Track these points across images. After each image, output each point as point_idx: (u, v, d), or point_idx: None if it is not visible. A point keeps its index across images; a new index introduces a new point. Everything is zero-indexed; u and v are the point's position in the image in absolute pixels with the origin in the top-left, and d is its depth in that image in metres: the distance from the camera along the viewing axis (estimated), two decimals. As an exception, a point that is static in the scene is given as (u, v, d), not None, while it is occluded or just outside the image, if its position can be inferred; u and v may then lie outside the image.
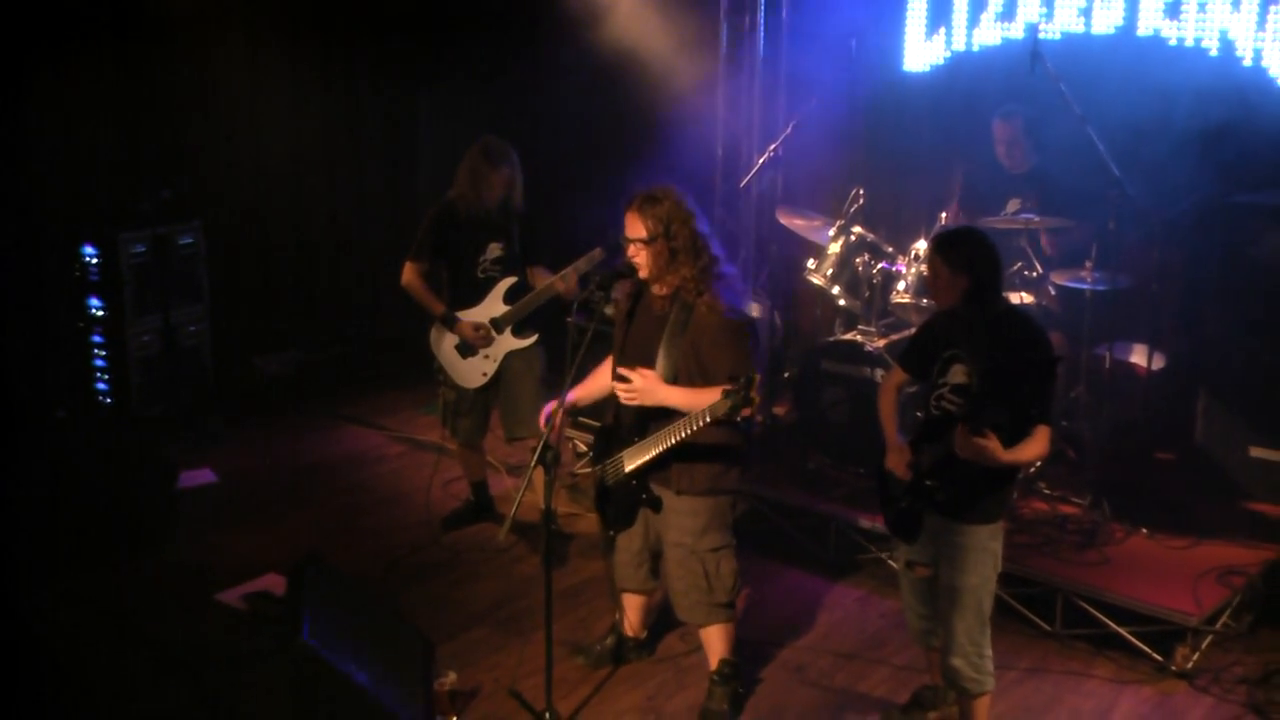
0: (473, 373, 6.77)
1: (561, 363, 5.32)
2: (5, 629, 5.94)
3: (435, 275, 6.78)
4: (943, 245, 4.76)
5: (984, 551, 4.74)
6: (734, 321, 5.06)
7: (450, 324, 6.69)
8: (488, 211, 6.61)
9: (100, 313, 8.44)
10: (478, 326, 6.68)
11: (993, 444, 4.40)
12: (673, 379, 5.04)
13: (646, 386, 5.00)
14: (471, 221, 6.62)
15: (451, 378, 6.82)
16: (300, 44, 9.65)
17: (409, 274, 6.72)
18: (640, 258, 5.05)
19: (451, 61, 10.14)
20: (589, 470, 5.45)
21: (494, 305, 6.72)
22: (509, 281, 6.72)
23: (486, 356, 6.74)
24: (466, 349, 6.73)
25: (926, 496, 4.76)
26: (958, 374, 4.74)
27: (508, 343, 6.74)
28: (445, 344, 6.78)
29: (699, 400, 4.87)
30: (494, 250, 6.68)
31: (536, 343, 6.80)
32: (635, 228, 5.04)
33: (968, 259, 4.67)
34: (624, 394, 5.05)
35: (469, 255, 6.68)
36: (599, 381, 5.41)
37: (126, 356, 8.44)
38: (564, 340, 6.06)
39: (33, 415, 8.02)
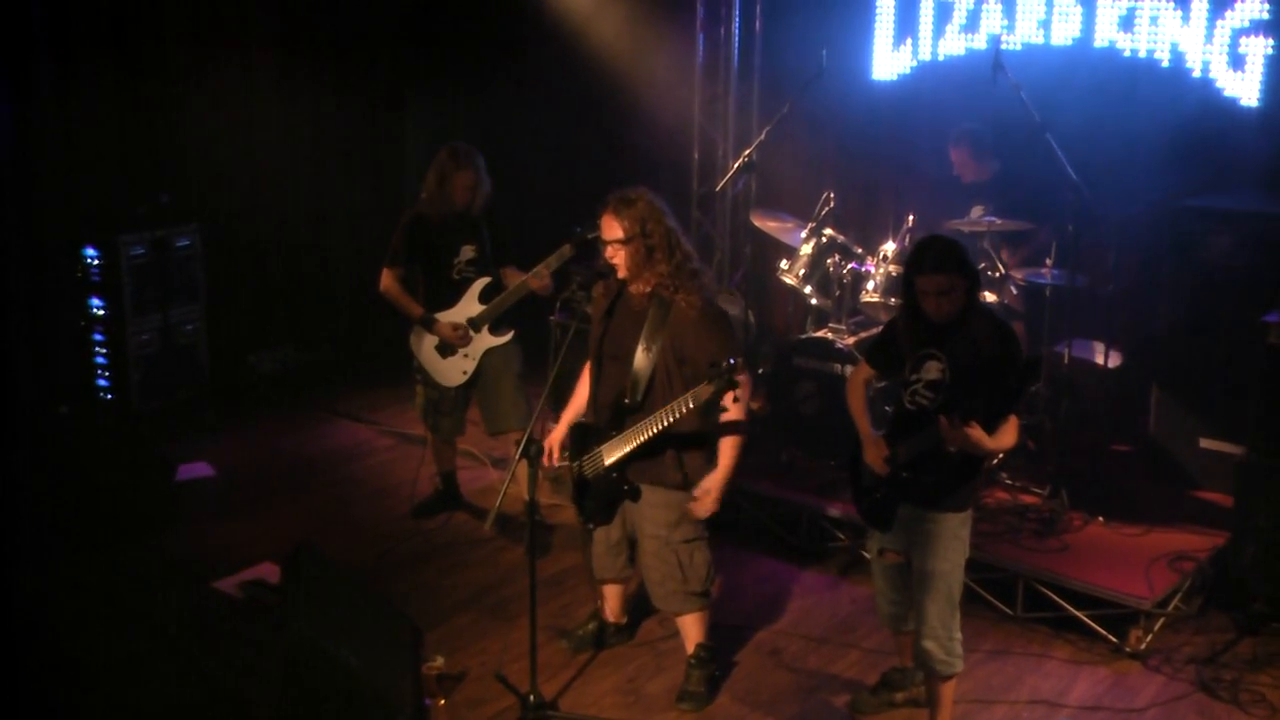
0: (453, 371, 6.82)
1: (539, 358, 5.35)
2: (9, 614, 5.93)
3: (411, 279, 6.83)
4: (951, 259, 4.68)
5: (955, 539, 4.84)
6: (713, 311, 5.14)
7: (429, 325, 6.74)
8: (458, 215, 6.64)
9: (101, 312, 8.41)
10: (456, 326, 6.71)
11: (978, 432, 4.47)
12: (650, 374, 5.09)
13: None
14: (443, 225, 6.66)
15: (433, 377, 6.88)
16: (293, 56, 9.63)
17: (386, 280, 6.76)
18: (618, 258, 5.11)
19: (437, 73, 10.13)
20: (568, 465, 5.55)
21: (470, 305, 6.76)
22: (483, 281, 6.76)
23: (466, 355, 6.79)
24: (446, 348, 6.79)
25: (903, 487, 4.84)
26: (932, 370, 4.77)
27: (485, 340, 6.78)
28: (425, 345, 6.83)
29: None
30: (467, 252, 6.71)
31: (513, 339, 6.83)
32: (612, 229, 5.10)
33: (966, 261, 4.70)
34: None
35: (443, 258, 6.73)
36: (585, 391, 5.46)
37: (126, 354, 8.41)
38: (540, 336, 6.12)
39: (36, 411, 7.99)
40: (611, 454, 5.19)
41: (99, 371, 8.57)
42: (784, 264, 7.59)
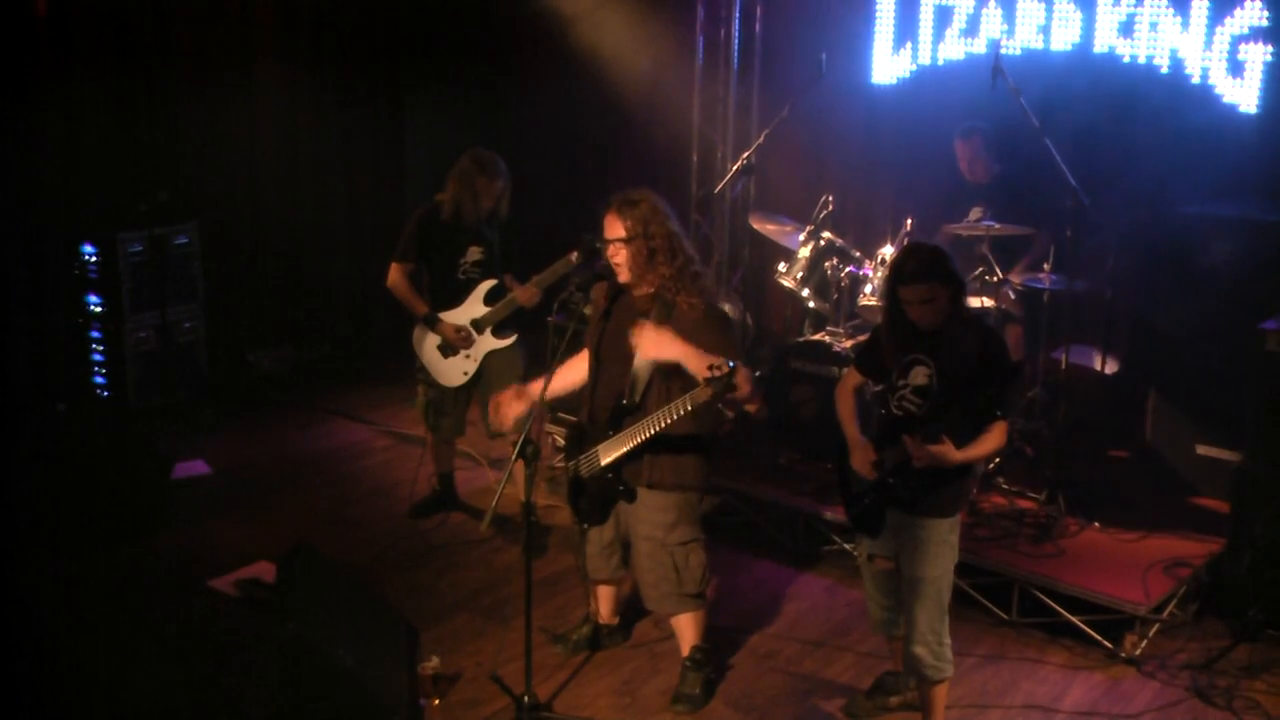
0: (454, 372, 6.83)
1: (541, 360, 5.35)
2: (6, 611, 5.96)
3: (417, 276, 6.82)
4: (933, 269, 4.69)
5: (944, 544, 4.83)
6: (714, 314, 5.14)
7: (432, 325, 6.74)
8: (472, 216, 6.69)
9: (99, 309, 8.45)
10: (459, 328, 6.73)
11: (945, 448, 4.51)
12: (649, 375, 5.08)
13: (664, 338, 4.95)
14: (454, 225, 6.66)
15: (434, 377, 6.88)
16: (294, 55, 9.65)
17: (394, 275, 6.75)
18: (620, 258, 5.10)
19: (436, 75, 10.15)
20: (564, 464, 5.55)
21: (474, 307, 6.77)
22: (489, 283, 6.77)
23: (468, 356, 6.80)
24: (448, 349, 6.79)
25: (889, 494, 4.82)
26: (919, 376, 4.78)
27: (488, 343, 6.79)
28: (428, 344, 6.83)
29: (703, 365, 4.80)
30: (474, 253, 6.73)
31: (516, 342, 6.84)
32: (615, 228, 5.09)
33: (952, 270, 4.70)
34: (645, 344, 4.99)
35: (450, 257, 6.73)
36: (573, 374, 5.44)
37: (124, 352, 8.45)
38: (543, 339, 6.09)
39: (33, 408, 8.03)
40: (608, 454, 5.18)
41: (96, 369, 8.60)
42: (782, 267, 7.60)
